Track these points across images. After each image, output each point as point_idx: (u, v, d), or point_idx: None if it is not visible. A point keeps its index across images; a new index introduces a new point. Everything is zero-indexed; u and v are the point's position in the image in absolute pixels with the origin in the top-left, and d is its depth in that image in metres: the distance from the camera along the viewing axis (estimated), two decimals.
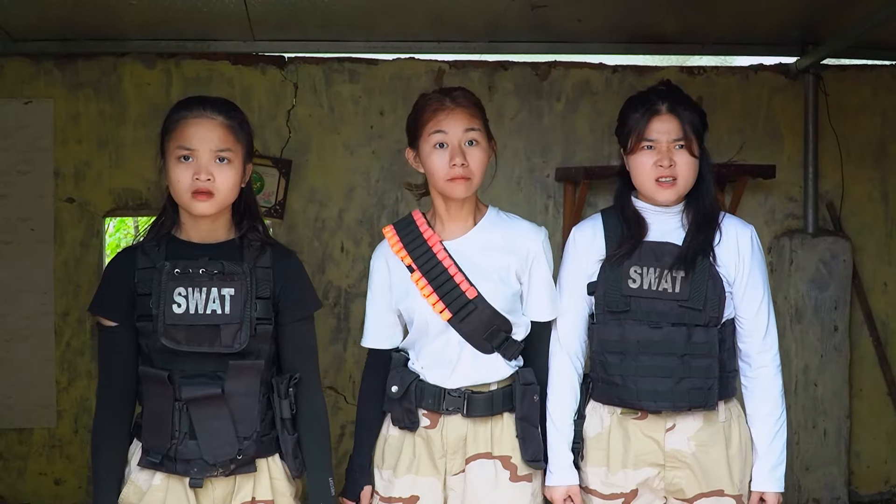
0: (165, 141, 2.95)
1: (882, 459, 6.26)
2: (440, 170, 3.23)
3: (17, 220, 5.66)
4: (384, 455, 3.35)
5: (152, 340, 2.90)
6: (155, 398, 2.93)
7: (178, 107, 2.99)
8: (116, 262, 3.01)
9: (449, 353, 3.28)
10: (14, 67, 5.66)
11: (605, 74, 6.01)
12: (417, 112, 3.34)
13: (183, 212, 2.99)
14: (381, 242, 3.43)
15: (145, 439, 2.95)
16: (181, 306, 2.89)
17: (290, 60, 5.82)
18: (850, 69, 6.21)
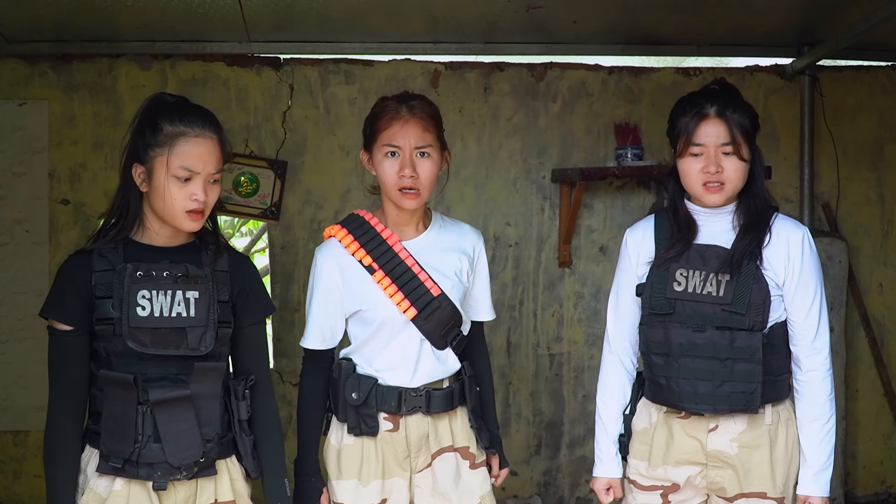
0: (154, 153, 2.93)
1: (878, 460, 6.26)
2: (390, 179, 3.29)
3: (12, 222, 5.65)
4: (342, 465, 3.37)
5: (113, 344, 2.88)
6: (116, 402, 2.89)
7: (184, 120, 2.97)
8: (71, 265, 2.96)
9: (409, 352, 3.34)
10: (9, 69, 5.64)
11: (602, 75, 6.01)
12: (373, 117, 3.38)
13: (150, 215, 2.99)
14: (325, 243, 3.43)
15: (105, 444, 2.90)
16: (145, 309, 2.88)
17: (286, 62, 5.82)
18: (846, 70, 6.21)
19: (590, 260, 6.00)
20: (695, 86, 5.97)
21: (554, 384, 6.01)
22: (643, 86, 6.03)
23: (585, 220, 5.98)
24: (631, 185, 6.00)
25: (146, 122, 2.96)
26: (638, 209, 6.00)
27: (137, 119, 3.00)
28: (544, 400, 6.00)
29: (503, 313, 5.94)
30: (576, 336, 6.02)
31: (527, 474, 6.01)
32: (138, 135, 2.96)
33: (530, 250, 5.96)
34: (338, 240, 3.38)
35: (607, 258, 5.99)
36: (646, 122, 5.94)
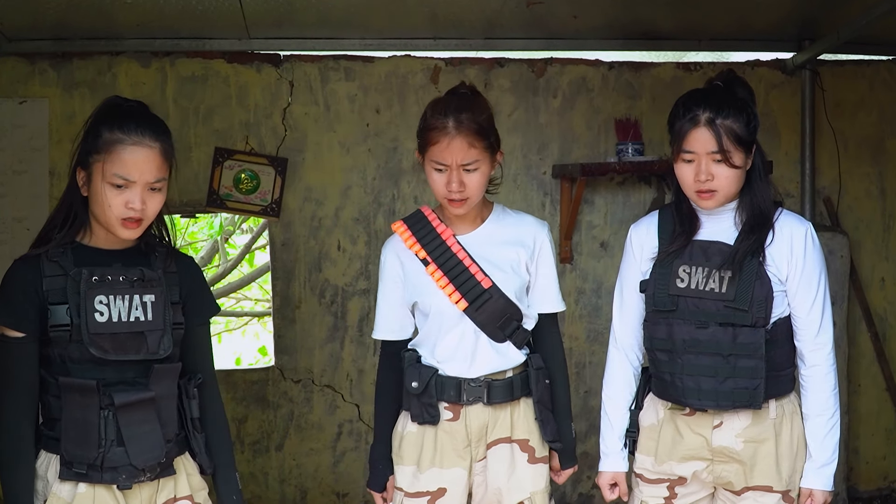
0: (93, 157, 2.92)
1: (881, 456, 6.26)
2: (439, 189, 3.38)
3: (12, 220, 5.64)
4: (403, 451, 3.47)
5: (69, 350, 2.87)
6: (75, 408, 2.87)
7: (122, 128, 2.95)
8: (19, 270, 2.91)
9: (465, 344, 3.41)
10: (9, 67, 5.64)
11: (602, 71, 6.00)
12: (423, 128, 3.41)
13: (91, 218, 2.97)
14: (390, 238, 3.54)
15: (66, 450, 2.88)
16: (104, 315, 2.87)
17: (286, 58, 5.81)
18: (847, 65, 6.20)
19: (591, 256, 5.99)
20: (695, 81, 6.00)
21: None
22: (643, 81, 6.03)
23: (586, 216, 5.97)
24: (632, 180, 5.99)
25: (92, 127, 2.95)
26: (639, 205, 6.00)
27: (89, 122, 2.98)
28: None
29: None
30: (577, 332, 6.02)
31: None
32: (83, 139, 2.95)
33: None
34: (399, 234, 3.48)
35: (608, 254, 5.99)
36: (646, 118, 5.94)
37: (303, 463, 5.87)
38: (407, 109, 5.85)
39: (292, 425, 5.85)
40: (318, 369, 5.84)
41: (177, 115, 5.71)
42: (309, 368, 5.83)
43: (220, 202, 5.72)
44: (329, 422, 5.86)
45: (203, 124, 5.73)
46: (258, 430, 5.82)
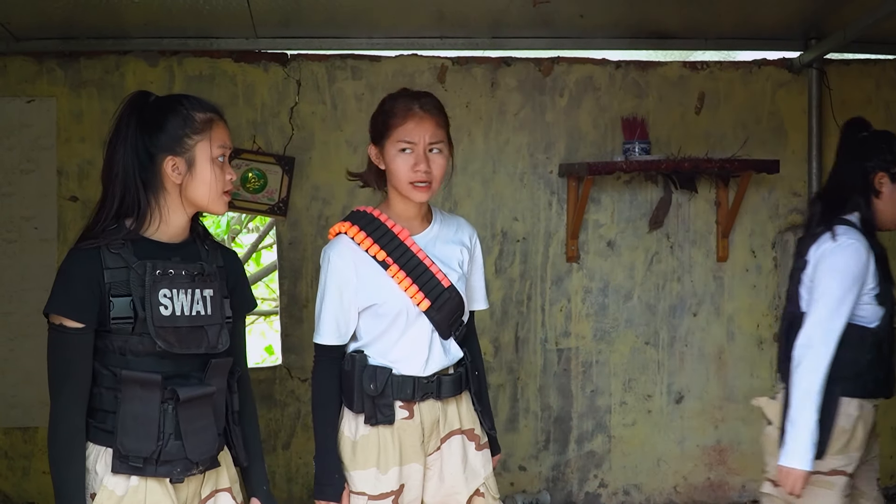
0: (190, 142, 2.98)
1: (888, 454, 6.25)
2: (403, 173, 3.38)
3: (20, 219, 5.66)
4: (358, 455, 3.43)
5: (130, 343, 2.88)
6: (136, 402, 2.88)
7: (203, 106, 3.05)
8: (79, 261, 2.90)
9: (421, 343, 3.43)
10: (17, 66, 5.65)
11: (609, 70, 6.01)
12: (386, 114, 3.45)
13: (166, 210, 3.00)
14: (336, 240, 3.48)
15: (122, 444, 2.88)
16: (167, 308, 2.90)
17: (293, 58, 5.82)
18: (853, 63, 6.20)
19: (597, 255, 6.00)
20: (702, 80, 6.02)
21: (562, 379, 6.02)
22: (650, 80, 6.03)
23: (593, 215, 5.98)
24: (638, 179, 6.00)
25: (163, 116, 2.99)
26: (645, 203, 6.00)
27: (145, 116, 3.01)
28: (552, 395, 6.01)
29: (511, 308, 5.94)
30: (583, 331, 6.02)
31: (535, 469, 6.01)
32: (159, 129, 2.97)
33: (538, 245, 5.96)
34: (349, 236, 3.44)
35: (615, 253, 5.99)
36: (653, 117, 5.95)
37: (310, 461, 5.84)
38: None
39: (299, 424, 5.86)
40: None
41: None
42: None
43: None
44: None
45: None
46: (265, 428, 5.82)
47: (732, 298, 6.11)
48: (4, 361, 5.67)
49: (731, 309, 6.12)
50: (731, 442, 6.15)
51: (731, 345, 6.11)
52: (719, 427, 6.13)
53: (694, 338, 6.09)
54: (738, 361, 6.14)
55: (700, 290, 6.09)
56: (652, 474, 6.10)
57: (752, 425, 6.09)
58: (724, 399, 6.12)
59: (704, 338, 6.11)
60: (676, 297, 6.07)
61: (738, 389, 6.12)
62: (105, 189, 3.05)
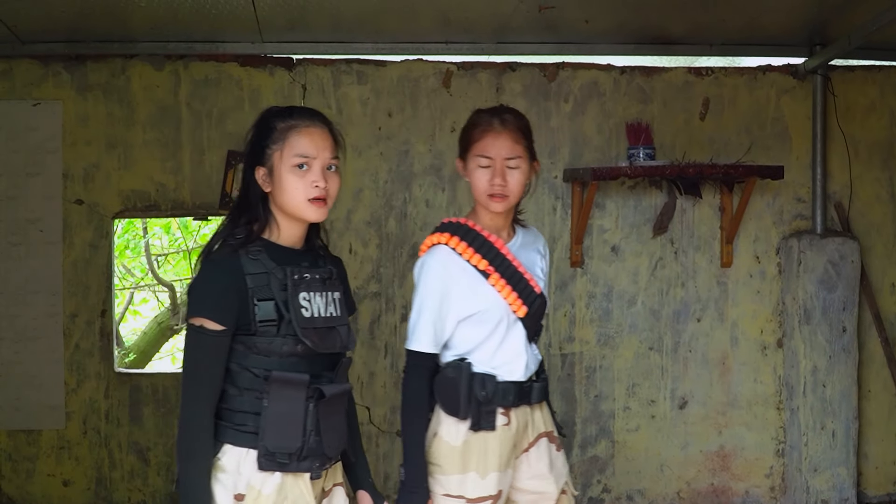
0: (272, 150, 3.06)
1: (891, 461, 6.25)
2: (482, 185, 3.46)
3: (25, 222, 5.67)
4: (458, 460, 3.48)
5: (275, 345, 2.99)
6: (283, 401, 2.99)
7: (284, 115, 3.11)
8: (222, 267, 3.01)
9: (520, 349, 3.53)
10: (23, 69, 5.67)
11: (613, 75, 6.02)
12: (469, 129, 3.54)
13: (279, 217, 3.10)
14: (435, 249, 3.53)
15: (269, 441, 2.98)
16: (308, 310, 3.02)
17: (299, 62, 5.83)
18: (858, 70, 6.21)
19: (602, 260, 6.00)
20: (706, 86, 6.02)
21: (566, 384, 6.02)
22: (655, 85, 6.03)
23: (597, 220, 5.98)
24: (643, 184, 6.00)
25: (260, 128, 3.11)
26: (650, 209, 6.01)
27: (252, 130, 3.13)
28: (556, 400, 6.01)
29: None
30: (587, 336, 6.03)
31: None
32: (255, 140, 3.10)
33: None
34: (450, 247, 3.50)
35: (619, 258, 6.00)
36: (657, 122, 5.95)
37: None
38: (419, 113, 5.87)
39: None
40: None
41: (189, 117, 5.74)
42: None
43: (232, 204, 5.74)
44: None
45: (216, 127, 5.76)
46: None
47: (736, 304, 6.12)
48: (9, 364, 5.68)
49: (734, 315, 6.12)
50: (734, 447, 6.14)
51: (734, 350, 6.11)
52: (723, 433, 6.13)
53: (698, 343, 6.09)
54: (741, 367, 6.13)
55: (704, 296, 6.09)
56: (655, 480, 6.10)
57: (755, 431, 6.11)
58: (727, 405, 6.12)
59: (708, 343, 6.11)
60: (680, 303, 6.07)
61: (742, 395, 6.12)
62: (236, 200, 3.18)
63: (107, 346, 5.78)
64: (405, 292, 5.87)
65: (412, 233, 5.87)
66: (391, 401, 5.87)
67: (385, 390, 5.89)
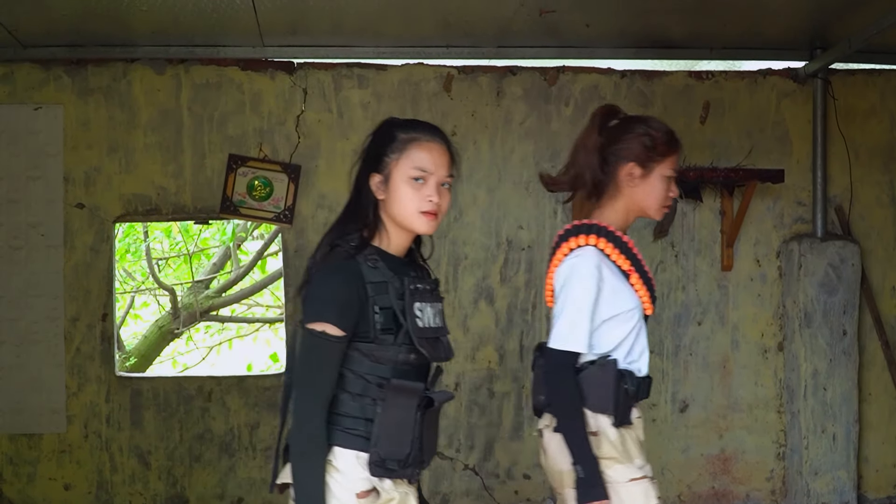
0: (391, 159, 3.08)
1: (891, 463, 6.25)
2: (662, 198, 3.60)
3: (27, 226, 5.68)
4: (625, 449, 3.52)
5: (391, 353, 3.02)
6: (397, 409, 3.02)
7: (407, 126, 3.15)
8: (344, 274, 3.03)
9: (645, 345, 3.59)
10: (24, 73, 5.68)
11: (614, 79, 6.02)
12: (665, 143, 3.61)
13: (389, 225, 3.12)
14: (586, 251, 3.52)
15: (382, 448, 3.01)
16: (421, 320, 3.07)
17: (300, 66, 5.84)
18: (858, 73, 6.21)
19: None
20: (707, 89, 6.03)
21: None
22: (655, 89, 6.04)
23: None
24: None
25: (380, 136, 3.14)
26: None
27: (371, 137, 3.17)
28: None
29: (516, 316, 5.95)
30: None
31: (539, 478, 6.01)
32: (373, 147, 3.13)
33: (543, 254, 5.97)
34: (599, 248, 3.51)
35: None
36: None
37: None
38: (420, 117, 5.81)
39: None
40: None
41: (191, 121, 5.75)
42: None
43: (233, 209, 5.76)
44: None
45: (217, 131, 5.77)
46: (270, 435, 5.84)
47: (737, 307, 6.12)
48: (10, 368, 5.69)
49: (735, 318, 6.13)
50: (735, 451, 6.14)
51: (735, 354, 6.11)
52: (724, 436, 6.13)
53: (698, 347, 6.09)
54: (742, 370, 6.14)
55: (705, 299, 6.10)
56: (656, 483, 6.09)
57: (756, 434, 6.11)
58: (728, 408, 6.12)
59: (709, 347, 6.11)
60: (681, 306, 6.08)
61: (743, 398, 6.12)
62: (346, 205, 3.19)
63: (108, 349, 5.79)
64: None
65: None
66: None
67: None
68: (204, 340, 10.85)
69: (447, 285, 5.90)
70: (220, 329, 10.77)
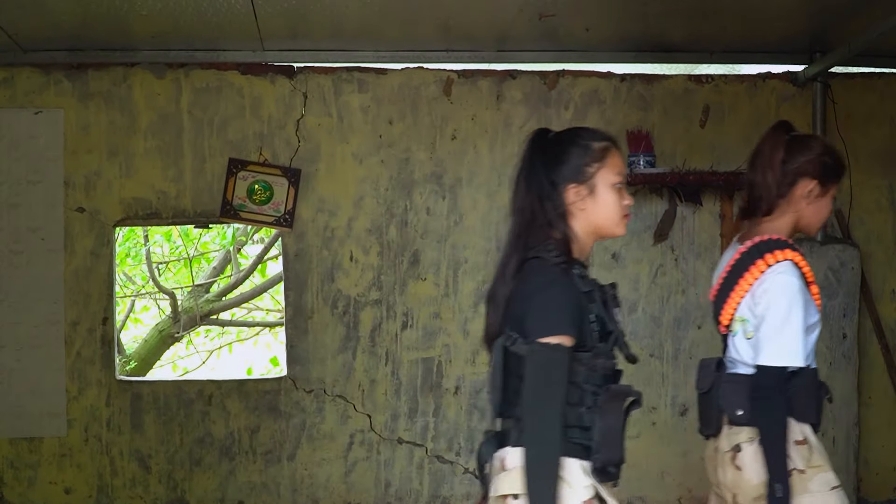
0: (590, 170, 3.14)
1: (891, 467, 6.25)
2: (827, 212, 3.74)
3: (27, 230, 5.68)
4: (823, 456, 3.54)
5: (602, 359, 3.10)
6: (612, 414, 3.07)
7: (598, 136, 3.21)
8: (566, 283, 3.06)
9: None
10: (24, 77, 5.69)
11: (614, 83, 6.03)
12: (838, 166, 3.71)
13: (585, 234, 3.18)
14: (789, 265, 3.53)
15: (604, 454, 3.05)
16: (619, 326, 3.17)
17: (300, 70, 5.85)
18: (857, 77, 6.21)
19: (602, 267, 6.00)
20: (707, 93, 6.03)
21: None
22: (655, 93, 6.04)
23: None
24: (643, 191, 6.01)
25: (573, 148, 3.18)
26: (650, 216, 6.02)
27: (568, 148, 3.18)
28: None
29: None
30: None
31: None
32: (572, 159, 3.17)
33: None
34: (795, 261, 3.53)
35: (619, 265, 6.00)
36: (658, 129, 5.96)
37: (314, 473, 5.88)
38: (419, 121, 5.88)
39: (304, 435, 5.87)
40: (330, 379, 5.86)
41: (191, 125, 5.75)
42: (321, 378, 5.86)
43: (233, 213, 5.76)
44: (341, 431, 5.88)
45: (217, 135, 5.77)
46: (270, 439, 5.84)
47: None
48: (11, 372, 5.69)
49: None
50: None
51: None
52: None
53: (698, 350, 6.09)
54: None
55: (704, 303, 6.09)
56: (656, 487, 6.10)
57: None
58: None
59: (709, 350, 6.09)
60: (681, 310, 6.08)
61: None
62: (520, 218, 3.24)
63: (108, 353, 5.79)
64: (406, 300, 5.88)
65: (413, 240, 5.88)
66: (392, 408, 5.88)
67: (386, 398, 5.89)
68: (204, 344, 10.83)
69: (447, 289, 5.90)
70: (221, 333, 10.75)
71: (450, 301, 5.90)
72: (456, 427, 5.95)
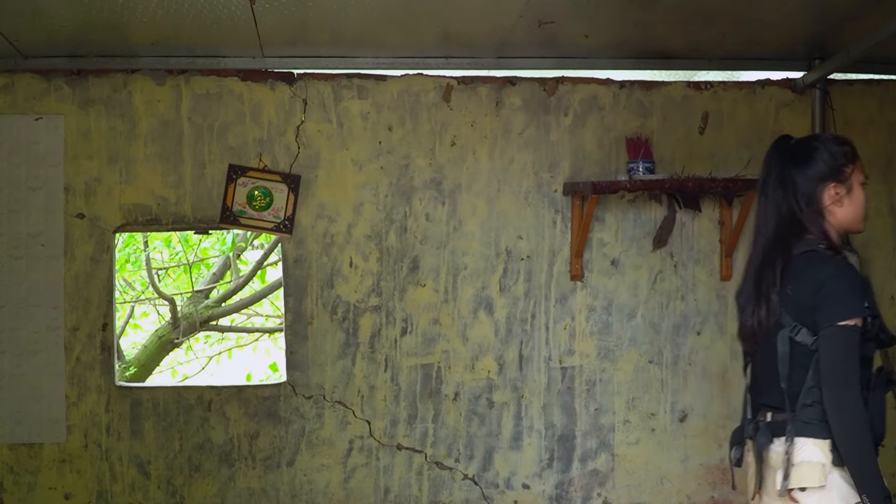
0: (847, 170, 3.44)
1: (891, 472, 6.24)
2: None
3: (27, 236, 5.69)
4: None
5: (869, 342, 3.33)
6: (881, 392, 3.33)
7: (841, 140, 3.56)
8: (854, 271, 3.50)
9: None
10: (24, 83, 5.69)
11: (613, 90, 6.04)
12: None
13: (834, 231, 3.53)
14: None
15: (877, 431, 3.34)
16: None
17: (299, 76, 5.85)
18: (856, 83, 6.22)
19: (601, 273, 6.01)
20: (706, 100, 6.04)
21: (566, 397, 6.03)
22: (654, 99, 6.05)
23: (597, 234, 6.00)
24: (642, 198, 6.01)
25: (838, 148, 3.45)
26: (649, 222, 6.02)
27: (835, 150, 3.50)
28: (556, 413, 6.02)
29: (515, 326, 5.96)
30: (587, 349, 6.03)
31: (539, 488, 6.02)
32: (834, 160, 3.44)
33: (542, 263, 5.98)
34: None
35: (619, 271, 6.00)
36: (657, 136, 5.97)
37: (314, 479, 5.89)
38: (419, 127, 5.89)
39: (303, 441, 5.87)
40: (329, 385, 5.86)
41: (191, 132, 5.76)
42: (320, 384, 5.86)
43: (233, 219, 5.77)
44: (340, 438, 5.89)
45: (217, 141, 5.78)
46: (269, 445, 5.84)
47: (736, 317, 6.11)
48: (11, 377, 5.69)
49: (734, 328, 6.07)
50: None
51: (734, 364, 6.11)
52: (723, 446, 6.11)
53: (698, 356, 6.10)
54: (741, 380, 6.10)
55: (704, 309, 6.10)
56: (656, 493, 6.10)
57: None
58: (727, 418, 6.11)
59: (708, 356, 6.11)
60: (680, 316, 6.08)
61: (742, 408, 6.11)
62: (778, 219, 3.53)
63: (108, 359, 5.79)
64: (405, 306, 5.89)
65: (412, 246, 5.89)
66: (391, 414, 5.88)
67: (385, 404, 5.89)
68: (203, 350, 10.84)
69: (446, 295, 5.91)
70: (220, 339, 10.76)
71: (449, 307, 5.91)
72: (455, 433, 5.95)
